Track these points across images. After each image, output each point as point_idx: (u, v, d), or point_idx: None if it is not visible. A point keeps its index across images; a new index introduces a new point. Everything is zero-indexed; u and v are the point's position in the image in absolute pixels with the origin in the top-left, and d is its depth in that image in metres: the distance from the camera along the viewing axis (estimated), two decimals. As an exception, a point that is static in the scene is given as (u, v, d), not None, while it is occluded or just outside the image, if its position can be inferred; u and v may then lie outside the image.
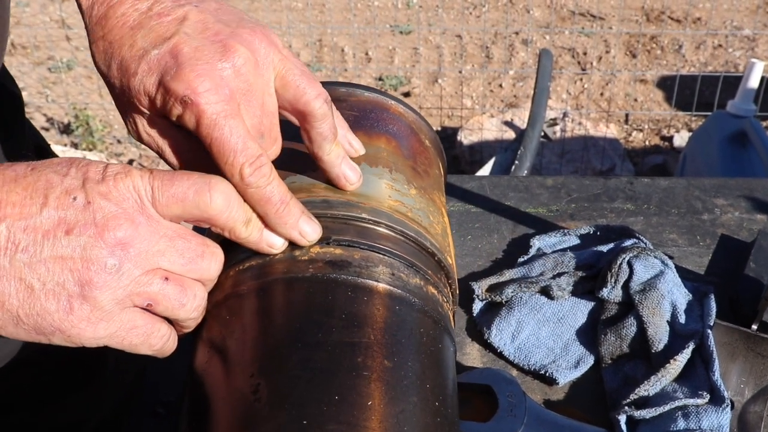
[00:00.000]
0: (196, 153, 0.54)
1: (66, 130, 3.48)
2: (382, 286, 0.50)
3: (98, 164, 0.48)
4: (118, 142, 3.47)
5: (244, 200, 0.51)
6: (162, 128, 0.54)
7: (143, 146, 3.51)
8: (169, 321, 0.51)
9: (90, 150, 3.39)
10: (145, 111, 0.52)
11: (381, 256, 0.52)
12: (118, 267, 0.46)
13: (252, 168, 0.50)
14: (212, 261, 0.50)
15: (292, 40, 3.89)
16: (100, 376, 0.93)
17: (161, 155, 0.55)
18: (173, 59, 0.51)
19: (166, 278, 0.48)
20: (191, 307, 0.50)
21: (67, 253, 0.45)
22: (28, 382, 0.84)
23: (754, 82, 2.27)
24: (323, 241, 0.52)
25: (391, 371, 0.47)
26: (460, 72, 3.70)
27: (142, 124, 0.54)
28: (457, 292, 0.61)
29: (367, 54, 3.93)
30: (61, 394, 0.88)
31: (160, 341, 0.50)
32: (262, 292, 0.50)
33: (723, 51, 3.91)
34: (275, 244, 0.52)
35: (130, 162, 3.35)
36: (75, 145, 3.39)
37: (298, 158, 0.57)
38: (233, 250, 0.52)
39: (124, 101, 0.53)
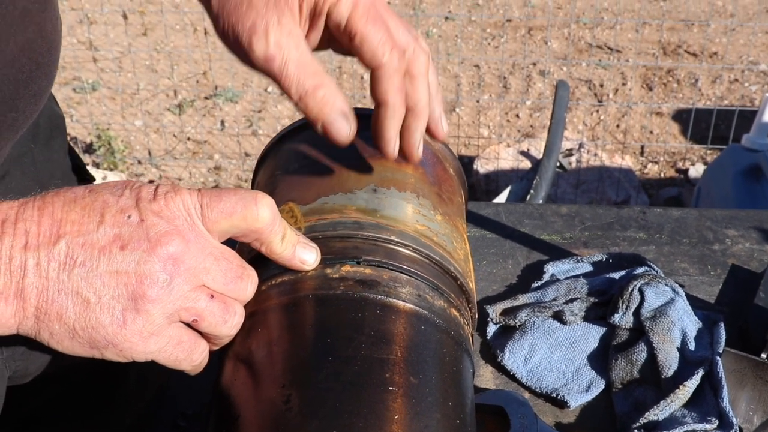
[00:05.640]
0: (317, 75, 0.56)
1: (88, 149, 3.54)
2: (408, 306, 0.53)
3: (149, 185, 0.51)
4: (139, 162, 3.53)
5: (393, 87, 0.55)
6: (294, 37, 0.56)
7: (163, 167, 3.57)
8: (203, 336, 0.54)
9: (111, 170, 3.44)
10: (285, 15, 0.55)
11: (408, 277, 0.55)
12: (169, 281, 0.48)
13: (397, 51, 0.55)
14: (249, 283, 0.53)
15: (312, 66, 3.93)
16: (123, 390, 0.96)
17: (281, 72, 0.56)
18: None
19: (212, 296, 0.51)
20: (232, 324, 0.52)
21: (122, 268, 0.48)
22: (55, 398, 0.86)
23: (769, 116, 2.29)
24: (354, 259, 0.55)
25: (417, 388, 0.49)
26: (478, 101, 3.74)
27: (275, 32, 0.55)
28: (476, 316, 0.63)
29: (385, 81, 3.97)
30: (87, 410, 0.90)
31: (200, 356, 0.53)
32: (294, 306, 0.52)
33: (739, 85, 3.93)
34: (307, 261, 0.54)
35: (150, 182, 3.40)
36: (96, 165, 3.45)
37: (332, 179, 0.60)
38: (264, 265, 0.55)
39: (261, 11, 0.55)
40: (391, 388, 0.48)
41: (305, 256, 0.54)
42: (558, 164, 2.79)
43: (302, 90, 0.55)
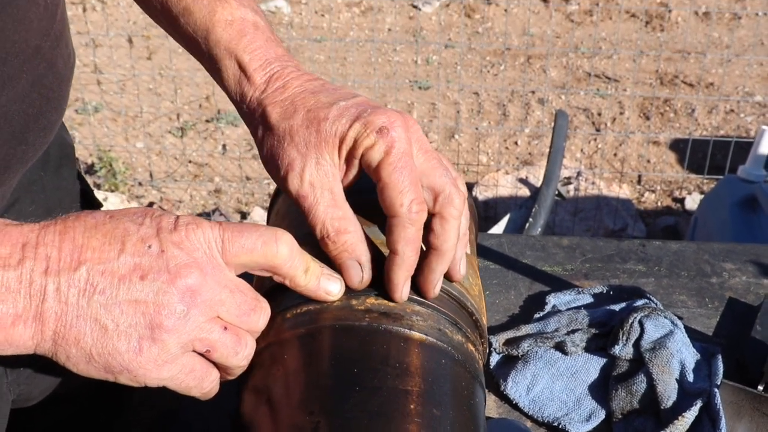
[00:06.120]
0: (343, 220, 0.57)
1: (90, 170, 3.56)
2: (431, 339, 0.55)
3: (170, 215, 0.52)
4: (140, 184, 3.55)
5: (397, 237, 0.55)
6: (329, 179, 0.58)
7: (164, 189, 3.60)
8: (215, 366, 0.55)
9: (112, 191, 3.47)
10: (323, 157, 0.57)
11: (429, 311, 0.57)
12: (186, 312, 0.50)
13: (415, 205, 0.55)
14: (261, 315, 0.54)
15: (313, 91, 3.97)
16: (127, 410, 0.97)
17: (310, 211, 0.57)
18: (365, 105, 0.58)
19: (225, 327, 0.52)
20: (242, 356, 0.53)
21: (141, 297, 0.49)
22: (59, 421, 0.88)
23: (764, 148, 2.31)
24: (373, 292, 0.56)
25: (439, 420, 0.51)
26: (477, 128, 3.78)
27: (311, 173, 0.57)
28: (488, 350, 0.65)
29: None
30: (93, 429, 0.92)
31: (210, 385, 0.54)
32: (320, 336, 0.54)
33: (735, 116, 3.98)
34: (332, 292, 0.56)
35: (150, 204, 3.42)
36: (98, 186, 3.47)
37: (367, 214, 0.62)
38: (288, 294, 0.56)
39: (302, 149, 0.58)
40: (416, 419, 0.49)
41: (330, 287, 0.56)
42: (556, 193, 2.82)
43: (326, 232, 0.56)
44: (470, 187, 3.36)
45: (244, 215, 3.34)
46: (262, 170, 3.48)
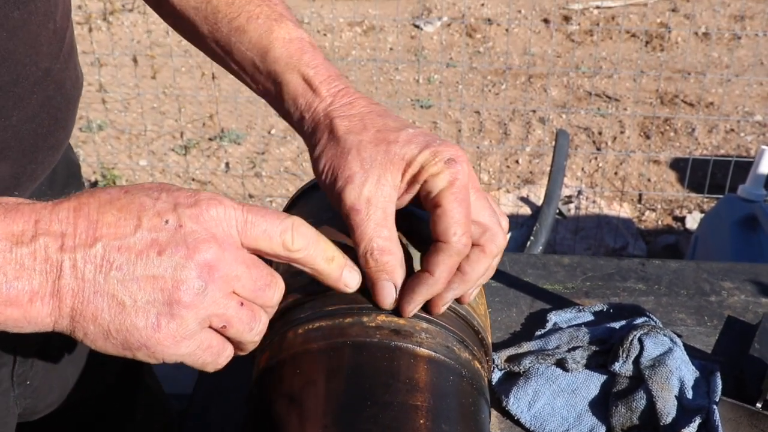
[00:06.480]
0: (388, 240, 0.59)
1: (93, 187, 3.58)
2: (440, 357, 0.56)
3: (188, 190, 0.52)
4: (143, 202, 3.57)
5: (434, 263, 0.58)
6: (385, 198, 0.59)
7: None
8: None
9: (115, 209, 3.48)
10: (386, 176, 0.59)
11: (437, 329, 0.58)
12: (204, 288, 0.50)
13: (466, 238, 0.58)
14: (276, 290, 0.54)
15: (315, 110, 3.99)
16: (130, 426, 0.98)
17: (359, 226, 0.59)
18: (433, 136, 0.61)
19: (241, 303, 0.52)
20: (257, 332, 0.54)
21: (159, 273, 0.49)
22: (68, 430, 0.89)
23: (764, 167, 2.33)
24: (383, 310, 0.58)
25: None
26: (478, 147, 3.80)
27: (370, 189, 0.59)
28: (492, 368, 0.67)
29: (387, 126, 4.02)
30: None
31: (225, 360, 0.54)
32: (333, 352, 0.55)
33: (735, 135, 4.00)
34: (350, 285, 0.57)
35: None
36: (101, 204, 3.48)
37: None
38: (299, 310, 0.58)
39: (366, 165, 0.60)
40: None
41: (349, 280, 0.57)
42: (557, 211, 2.83)
43: (370, 249, 0.57)
44: (472, 205, 3.36)
45: (246, 233, 3.35)
46: (265, 188, 3.50)
